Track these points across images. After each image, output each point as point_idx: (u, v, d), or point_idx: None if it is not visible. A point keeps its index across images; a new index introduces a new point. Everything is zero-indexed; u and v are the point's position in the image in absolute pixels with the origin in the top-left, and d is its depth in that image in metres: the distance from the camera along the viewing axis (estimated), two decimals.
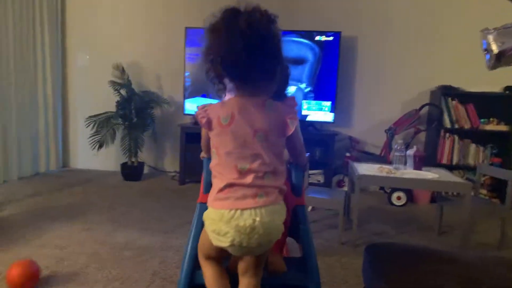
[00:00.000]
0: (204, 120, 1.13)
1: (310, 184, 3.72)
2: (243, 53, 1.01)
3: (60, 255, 2.22)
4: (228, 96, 1.15)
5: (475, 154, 3.75)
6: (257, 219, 1.04)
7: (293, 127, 1.11)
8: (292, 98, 1.17)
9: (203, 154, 1.45)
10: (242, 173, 1.08)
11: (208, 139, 1.18)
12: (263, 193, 1.07)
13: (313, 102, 3.88)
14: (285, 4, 4.04)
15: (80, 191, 3.56)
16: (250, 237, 1.04)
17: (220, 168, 1.12)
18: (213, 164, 1.16)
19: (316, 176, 3.86)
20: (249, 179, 1.07)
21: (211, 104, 1.16)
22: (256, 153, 1.09)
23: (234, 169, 1.09)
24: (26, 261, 1.90)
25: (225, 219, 1.05)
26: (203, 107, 1.15)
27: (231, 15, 1.07)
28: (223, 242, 1.07)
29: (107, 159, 4.33)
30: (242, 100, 1.11)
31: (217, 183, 1.12)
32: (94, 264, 2.13)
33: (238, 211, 1.05)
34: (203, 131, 1.23)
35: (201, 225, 1.33)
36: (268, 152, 1.09)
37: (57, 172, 4.28)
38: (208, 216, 1.11)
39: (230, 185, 1.08)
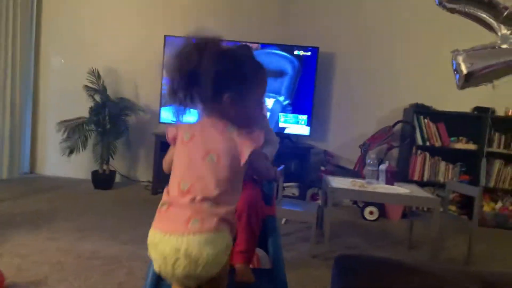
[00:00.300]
0: (171, 135, 1.11)
1: (285, 196, 3.71)
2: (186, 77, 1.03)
3: (20, 264, 2.12)
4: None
5: (445, 171, 3.86)
6: (182, 248, 0.93)
7: (246, 155, 1.02)
8: (259, 133, 1.08)
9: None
10: (183, 192, 1.00)
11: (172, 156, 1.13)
12: (198, 219, 0.95)
13: (290, 115, 3.91)
14: (266, 17, 4.10)
15: (47, 198, 3.42)
16: (174, 268, 0.94)
17: (169, 184, 1.07)
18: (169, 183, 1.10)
19: (291, 189, 3.87)
20: (186, 199, 0.98)
21: (184, 123, 1.13)
22: (201, 175, 1.01)
23: (176, 187, 1.02)
24: None
25: (154, 243, 0.97)
26: (176, 126, 1.12)
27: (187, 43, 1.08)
28: (155, 267, 0.99)
29: (78, 166, 4.20)
30: (206, 121, 1.08)
31: (162, 200, 1.06)
32: (56, 275, 2.03)
33: (167, 235, 0.95)
34: (171, 147, 1.17)
35: None
36: (214, 176, 1.00)
37: (23, 178, 4.11)
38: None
39: (168, 204, 1.01)
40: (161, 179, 3.84)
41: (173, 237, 0.94)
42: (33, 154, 4.37)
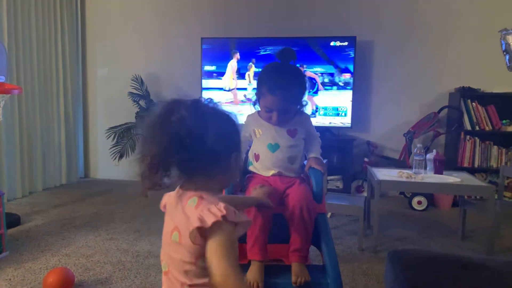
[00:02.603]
0: (162, 203, 1.04)
1: (329, 190, 3.70)
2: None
3: (86, 264, 2.28)
4: None
5: (498, 156, 3.67)
6: None
7: (195, 224, 0.84)
8: (220, 206, 0.86)
9: None
10: (165, 272, 0.95)
11: None
12: None
13: (331, 107, 3.88)
14: (300, 11, 4.07)
15: (102, 201, 3.64)
16: None
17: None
18: None
19: (335, 182, 3.85)
20: (166, 283, 0.93)
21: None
22: (171, 256, 0.92)
23: (162, 266, 0.97)
24: (62, 268, 1.98)
25: None
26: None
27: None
28: None
29: (128, 169, 4.41)
30: (180, 192, 0.95)
31: None
32: (118, 273, 2.17)
33: None
34: None
35: None
36: (177, 257, 0.89)
37: (79, 183, 4.39)
38: None
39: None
40: None
41: None
42: (86, 160, 4.65)
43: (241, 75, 3.98)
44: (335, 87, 3.85)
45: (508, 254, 2.56)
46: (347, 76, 3.82)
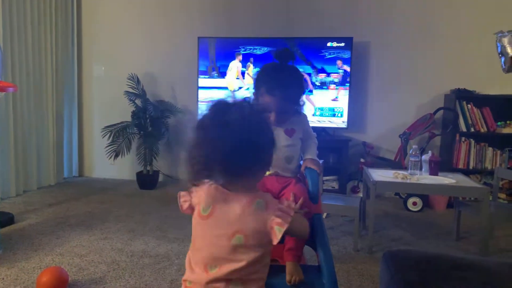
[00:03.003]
0: (186, 205, 1.04)
1: (325, 190, 3.71)
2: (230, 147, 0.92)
3: (80, 263, 2.27)
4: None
5: (493, 157, 3.69)
6: None
7: (279, 235, 0.96)
8: (290, 204, 1.03)
9: None
10: (210, 275, 0.97)
11: None
12: None
13: (327, 107, 3.88)
14: (297, 12, 4.07)
15: (97, 200, 3.62)
16: None
17: (192, 261, 1.03)
18: (190, 250, 1.06)
19: (330, 182, 3.85)
20: (215, 284, 0.96)
21: (197, 188, 1.04)
22: (228, 258, 0.96)
23: (203, 268, 0.99)
24: (56, 267, 1.97)
25: None
26: (188, 191, 1.05)
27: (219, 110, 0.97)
28: None
29: (123, 168, 4.40)
30: (226, 192, 0.99)
31: (187, 275, 1.04)
32: (112, 273, 2.16)
33: None
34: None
35: None
36: (243, 258, 0.96)
37: (74, 182, 4.36)
38: None
39: (195, 283, 0.99)
40: None
41: None
42: (81, 159, 4.62)
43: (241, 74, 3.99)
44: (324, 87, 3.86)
45: (501, 255, 2.58)
46: (322, 76, 3.84)
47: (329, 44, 3.83)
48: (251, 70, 3.94)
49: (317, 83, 3.86)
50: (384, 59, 4.01)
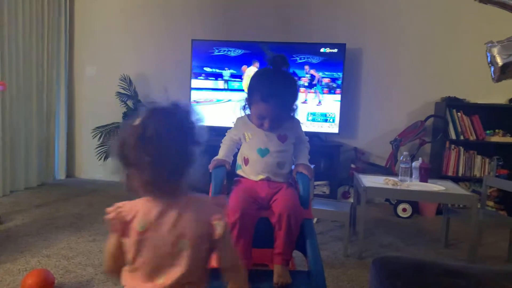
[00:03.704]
0: (116, 225, 0.95)
1: (315, 195, 3.71)
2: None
3: (67, 266, 2.23)
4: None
5: (481, 165, 3.74)
6: None
7: (221, 230, 0.93)
8: (222, 197, 1.05)
9: (211, 166, 1.46)
10: (158, 286, 0.93)
11: (117, 247, 0.96)
12: None
13: (319, 113, 3.90)
14: (290, 16, 4.09)
15: (86, 201, 3.57)
16: None
17: (132, 283, 0.96)
18: (125, 274, 0.98)
19: (321, 187, 3.86)
20: None
21: (126, 202, 0.98)
22: (174, 264, 0.93)
23: (151, 282, 0.93)
24: (41, 270, 1.93)
25: None
26: (115, 207, 0.98)
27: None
28: None
29: (113, 170, 4.34)
30: (161, 202, 0.95)
31: None
32: (100, 276, 2.13)
33: None
34: (112, 238, 0.97)
35: None
36: (188, 262, 0.92)
37: (62, 183, 4.30)
38: None
39: None
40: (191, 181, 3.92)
41: None
42: (71, 159, 4.56)
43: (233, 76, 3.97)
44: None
45: (489, 262, 2.60)
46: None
47: (322, 50, 3.85)
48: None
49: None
50: (376, 66, 4.05)
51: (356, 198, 2.91)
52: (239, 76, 3.94)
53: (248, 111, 1.53)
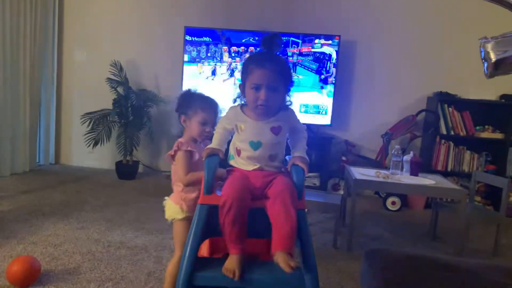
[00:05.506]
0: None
1: (306, 187, 3.71)
2: None
3: (53, 253, 2.19)
4: None
5: (470, 161, 3.78)
6: None
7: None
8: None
9: (204, 154, 1.44)
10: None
11: None
12: None
13: (311, 105, 3.88)
14: (285, 7, 4.05)
15: (73, 189, 3.52)
16: None
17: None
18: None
19: (312, 179, 3.87)
20: None
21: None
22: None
23: None
24: (27, 257, 1.89)
25: None
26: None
27: None
28: None
29: (102, 157, 4.29)
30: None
31: None
32: (88, 263, 2.10)
33: None
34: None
35: (201, 225, 1.32)
36: None
37: (50, 169, 4.23)
38: None
39: None
40: None
41: None
42: (58, 146, 4.48)
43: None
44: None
45: (475, 255, 2.64)
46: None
47: (316, 41, 3.82)
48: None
49: None
50: (369, 59, 4.04)
51: (346, 190, 2.92)
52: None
53: (239, 101, 1.49)
